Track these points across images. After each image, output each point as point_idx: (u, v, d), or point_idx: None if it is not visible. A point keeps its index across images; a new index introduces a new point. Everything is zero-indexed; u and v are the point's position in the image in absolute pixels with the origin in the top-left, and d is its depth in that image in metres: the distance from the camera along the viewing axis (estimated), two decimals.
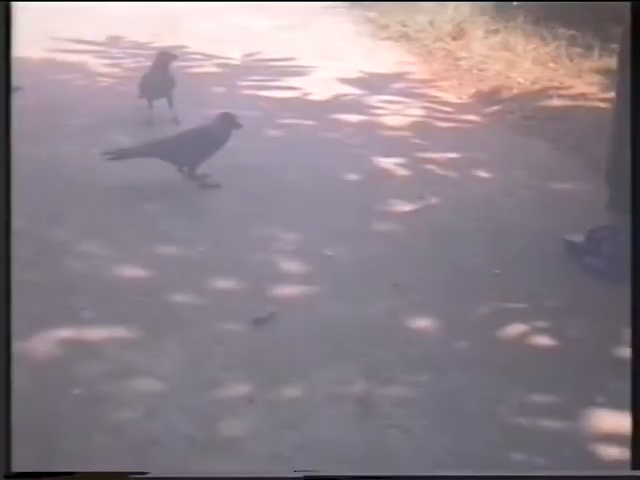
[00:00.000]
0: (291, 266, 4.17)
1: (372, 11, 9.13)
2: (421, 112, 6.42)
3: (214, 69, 7.29)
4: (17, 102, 4.78)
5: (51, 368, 3.38)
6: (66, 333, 3.56)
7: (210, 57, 7.51)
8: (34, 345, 3.48)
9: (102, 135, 5.55)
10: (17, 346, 3.42)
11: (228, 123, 5.00)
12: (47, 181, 4.86)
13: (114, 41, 7.82)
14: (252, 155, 5.32)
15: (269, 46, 7.84)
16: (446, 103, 6.68)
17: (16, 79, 4.55)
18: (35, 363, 3.40)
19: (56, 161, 5.10)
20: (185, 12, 8.90)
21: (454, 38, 8.02)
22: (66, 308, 3.73)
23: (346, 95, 6.73)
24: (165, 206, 4.72)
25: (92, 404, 3.16)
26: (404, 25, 8.50)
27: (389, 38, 8.38)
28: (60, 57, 7.18)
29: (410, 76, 7.30)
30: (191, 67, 7.19)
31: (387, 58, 7.76)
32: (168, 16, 8.68)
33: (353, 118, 6.23)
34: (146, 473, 2.91)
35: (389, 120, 6.21)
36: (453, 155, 5.62)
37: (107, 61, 7.29)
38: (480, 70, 7.32)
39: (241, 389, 3.30)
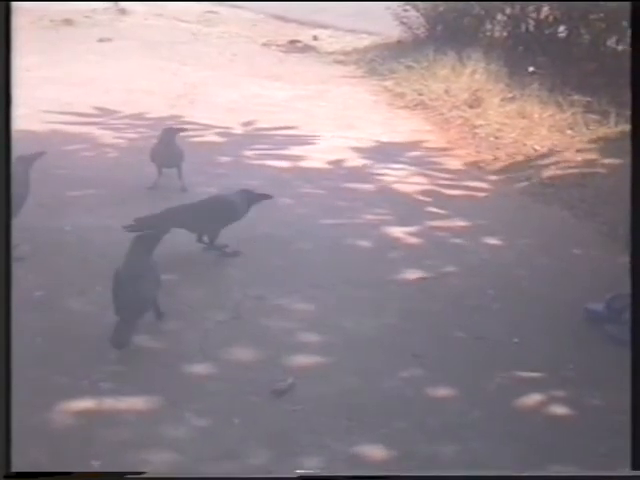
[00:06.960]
0: (308, 337, 4.18)
1: (388, 80, 9.21)
2: (436, 180, 6.43)
3: (219, 139, 7.26)
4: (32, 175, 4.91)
5: (70, 439, 3.39)
6: (85, 404, 3.57)
7: (218, 127, 7.44)
8: (54, 416, 3.50)
9: (119, 206, 5.52)
10: (37, 418, 3.47)
11: (248, 199, 5.04)
12: (69, 253, 4.89)
13: (122, 112, 7.76)
14: (268, 224, 5.33)
15: (286, 115, 7.89)
16: (461, 171, 6.70)
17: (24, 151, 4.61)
18: (55, 434, 3.41)
19: (78, 233, 5.13)
20: (206, 82, 9.01)
21: (470, 106, 8.06)
22: (85, 379, 3.74)
23: (361, 163, 6.75)
24: (183, 276, 4.74)
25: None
26: (420, 94, 8.56)
27: (405, 107, 8.43)
28: (67, 129, 7.16)
29: (426, 144, 7.33)
30: (200, 136, 7.12)
31: (403, 126, 7.80)
32: (187, 86, 8.78)
33: (367, 187, 6.25)
34: (142, 473, 2.91)
35: (403, 188, 6.23)
36: (467, 223, 5.61)
37: (112, 132, 7.25)
38: (497, 138, 7.35)
39: (260, 460, 3.31)
